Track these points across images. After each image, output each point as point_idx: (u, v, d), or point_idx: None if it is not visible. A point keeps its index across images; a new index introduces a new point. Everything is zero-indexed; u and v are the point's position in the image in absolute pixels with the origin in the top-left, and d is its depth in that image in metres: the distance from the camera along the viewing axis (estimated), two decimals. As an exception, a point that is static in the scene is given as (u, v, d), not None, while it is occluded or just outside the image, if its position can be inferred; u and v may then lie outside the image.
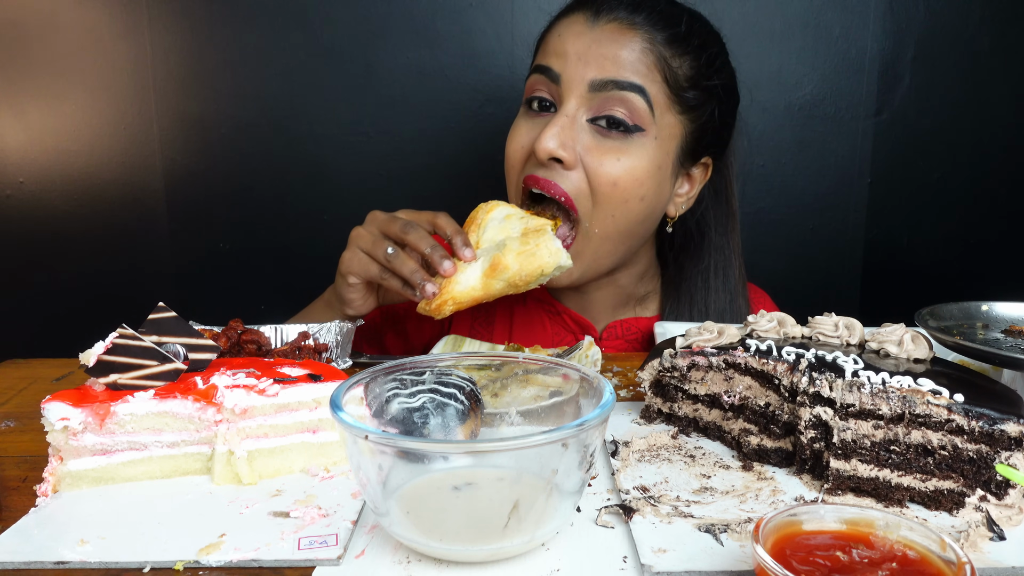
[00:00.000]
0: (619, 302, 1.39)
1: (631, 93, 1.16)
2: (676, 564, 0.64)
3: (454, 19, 1.81)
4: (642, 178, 1.19)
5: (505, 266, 1.07)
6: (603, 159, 1.17)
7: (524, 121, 1.25)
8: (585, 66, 1.17)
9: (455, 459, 0.70)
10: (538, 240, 1.08)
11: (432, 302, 1.09)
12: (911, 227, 1.99)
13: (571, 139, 1.17)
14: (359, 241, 1.15)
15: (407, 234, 1.11)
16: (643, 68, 1.17)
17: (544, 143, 1.15)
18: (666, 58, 1.18)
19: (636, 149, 1.18)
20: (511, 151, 1.25)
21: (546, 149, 1.15)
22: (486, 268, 1.09)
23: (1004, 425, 0.71)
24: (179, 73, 1.82)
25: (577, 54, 1.17)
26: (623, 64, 1.16)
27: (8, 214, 1.86)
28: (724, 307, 1.37)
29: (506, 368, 0.85)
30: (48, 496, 0.76)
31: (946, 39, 1.88)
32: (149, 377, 0.78)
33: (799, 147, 1.92)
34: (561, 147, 1.15)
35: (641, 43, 1.17)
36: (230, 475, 0.78)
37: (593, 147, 1.17)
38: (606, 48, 1.17)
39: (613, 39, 1.17)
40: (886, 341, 0.84)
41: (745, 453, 0.85)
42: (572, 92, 1.17)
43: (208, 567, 0.65)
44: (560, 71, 1.18)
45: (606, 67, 1.16)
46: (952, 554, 0.56)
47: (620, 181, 1.17)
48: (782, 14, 1.84)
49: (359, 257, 1.15)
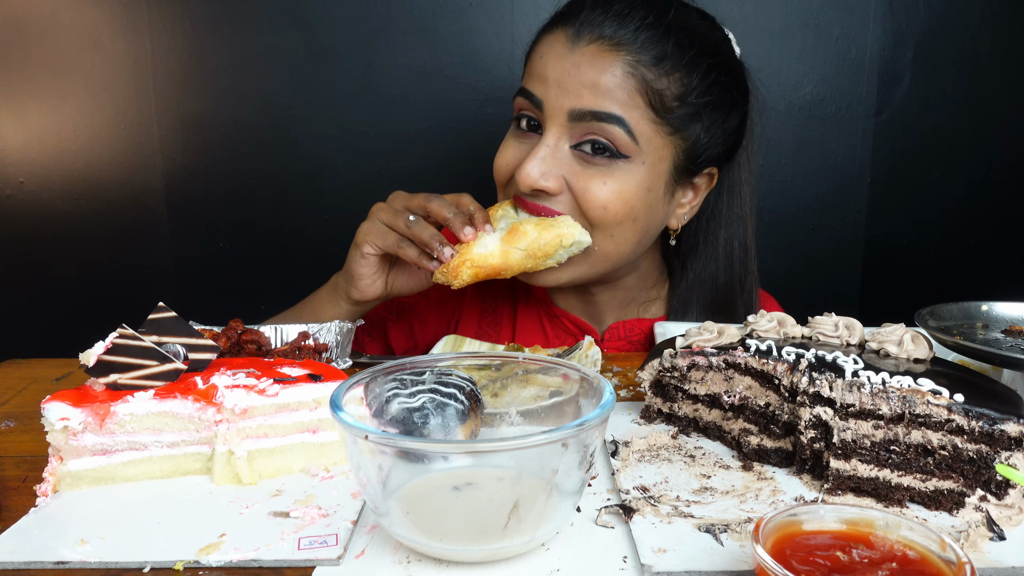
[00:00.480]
0: (622, 304, 1.38)
1: (610, 124, 1.12)
2: (676, 564, 0.64)
3: (454, 19, 1.81)
4: (631, 201, 1.15)
5: (524, 232, 1.10)
6: (589, 184, 1.14)
7: (512, 138, 1.23)
8: (564, 95, 1.13)
9: (455, 459, 0.70)
10: (556, 219, 1.13)
11: (448, 264, 1.10)
12: (911, 227, 1.99)
13: (554, 167, 1.14)
14: (379, 213, 1.17)
15: (430, 202, 1.14)
16: (624, 95, 1.12)
17: (526, 175, 1.13)
18: (649, 81, 1.12)
19: (622, 174, 1.14)
20: (498, 167, 1.23)
21: (527, 181, 1.13)
22: (504, 235, 1.12)
23: (1004, 425, 0.71)
24: (179, 73, 1.82)
25: (557, 80, 1.14)
26: (602, 92, 1.12)
27: (8, 214, 1.86)
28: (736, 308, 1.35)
29: (506, 368, 0.85)
30: (48, 496, 0.76)
31: (946, 39, 1.88)
32: (149, 377, 0.78)
33: (799, 147, 1.92)
34: (543, 177, 1.13)
35: (623, 67, 1.12)
36: (230, 475, 0.78)
37: (578, 172, 1.15)
38: (585, 74, 1.12)
39: (592, 64, 1.12)
40: (886, 341, 0.84)
41: (745, 453, 0.85)
42: (553, 121, 1.14)
43: (208, 567, 0.65)
44: (542, 97, 1.15)
45: (584, 97, 1.12)
46: (952, 554, 0.56)
47: (609, 205, 1.14)
48: (782, 14, 1.84)
49: (378, 227, 1.16)
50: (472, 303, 1.43)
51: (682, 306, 1.36)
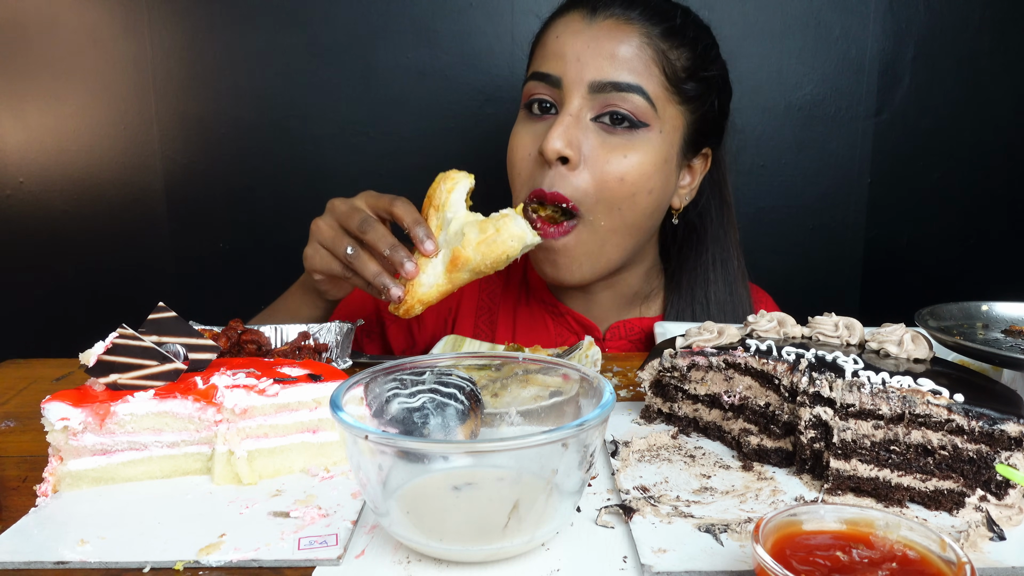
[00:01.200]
0: (624, 302, 1.39)
1: (631, 94, 1.16)
2: (676, 564, 0.64)
3: (454, 19, 1.80)
4: (650, 172, 1.19)
5: (466, 259, 1.02)
6: (610, 157, 1.17)
7: (525, 125, 1.24)
8: (584, 67, 1.17)
9: (455, 459, 0.70)
10: (498, 224, 1.02)
11: (400, 306, 1.05)
12: (911, 227, 1.99)
13: (577, 138, 1.16)
14: (319, 235, 1.11)
15: (365, 233, 1.06)
16: (640, 65, 1.17)
17: (551, 143, 1.14)
18: (664, 51, 1.18)
19: (642, 144, 1.18)
20: (516, 157, 1.23)
21: (554, 148, 1.15)
22: (447, 263, 1.04)
23: (1004, 425, 0.71)
24: (179, 73, 1.82)
25: (575, 55, 1.17)
26: (621, 63, 1.16)
27: (8, 214, 1.86)
28: (724, 298, 1.36)
29: (506, 368, 0.85)
30: (48, 496, 0.76)
31: (946, 39, 1.88)
32: (149, 377, 0.78)
33: (799, 147, 1.92)
34: (568, 146, 1.15)
35: (639, 38, 1.17)
36: (230, 475, 0.78)
37: (598, 145, 1.17)
38: (604, 46, 1.17)
39: (610, 36, 1.17)
40: (886, 341, 0.84)
41: (745, 453, 0.85)
42: (574, 93, 1.17)
43: (208, 567, 0.65)
44: (560, 74, 1.18)
45: (603, 68, 1.16)
46: (952, 554, 0.56)
47: (627, 176, 1.17)
48: (782, 14, 1.84)
49: (320, 253, 1.12)
50: (469, 301, 1.43)
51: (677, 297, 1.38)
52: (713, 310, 1.36)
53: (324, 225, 1.11)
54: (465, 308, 1.42)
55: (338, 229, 1.10)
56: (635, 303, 1.40)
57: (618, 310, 1.39)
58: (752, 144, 1.89)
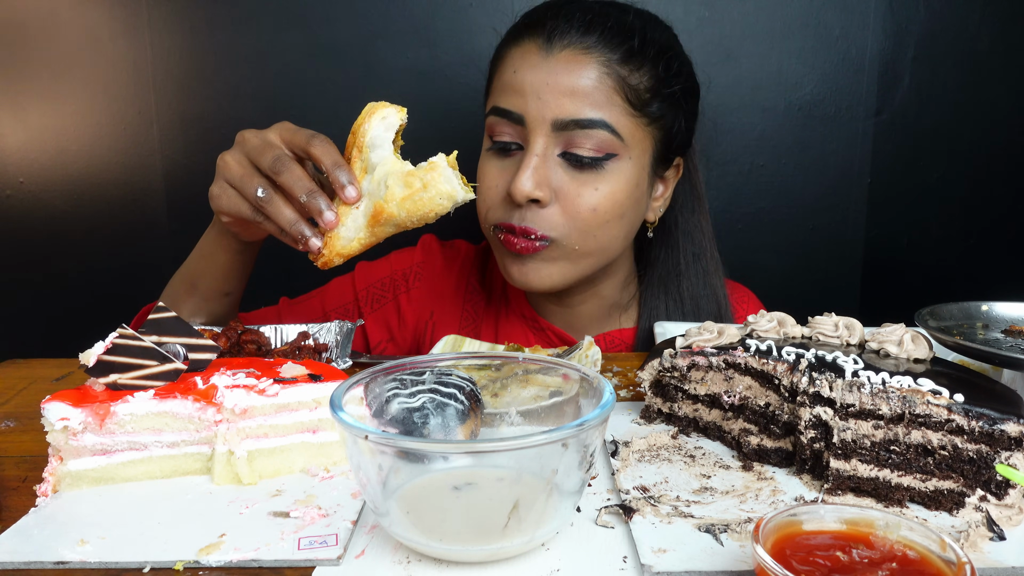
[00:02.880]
0: (603, 314, 1.38)
1: (594, 129, 1.14)
2: (676, 564, 0.64)
3: (454, 19, 1.80)
4: (621, 199, 1.18)
5: (388, 215, 0.92)
6: (580, 191, 1.15)
7: (491, 160, 1.22)
8: (544, 106, 1.14)
9: (455, 459, 0.70)
10: (425, 179, 0.92)
11: (319, 258, 0.95)
12: (911, 227, 1.99)
13: (546, 177, 1.15)
14: (226, 172, 0.98)
15: (279, 174, 0.94)
16: (602, 97, 1.14)
17: (522, 186, 1.13)
18: (624, 77, 1.15)
19: (611, 174, 1.16)
20: (482, 194, 1.21)
21: (523, 192, 1.13)
22: (369, 216, 0.94)
23: (1004, 425, 0.71)
24: (179, 73, 1.82)
25: (535, 91, 1.14)
26: (581, 98, 1.13)
27: (8, 214, 1.86)
28: (699, 292, 1.35)
29: (506, 368, 0.85)
30: (48, 496, 0.76)
31: (946, 39, 1.88)
32: (149, 377, 0.78)
33: (799, 147, 1.92)
34: (537, 187, 1.14)
35: (597, 68, 1.14)
36: (230, 475, 0.78)
37: (568, 181, 1.16)
38: (563, 81, 1.13)
39: (568, 69, 1.14)
40: (886, 341, 0.84)
41: (745, 453, 0.85)
42: (538, 131, 1.15)
43: (208, 567, 0.65)
44: (522, 112, 1.15)
45: (565, 105, 1.13)
46: (952, 554, 0.56)
47: (600, 207, 1.16)
48: (782, 14, 1.84)
49: (227, 192, 0.98)
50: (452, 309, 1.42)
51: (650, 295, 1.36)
52: (687, 305, 1.35)
53: (232, 161, 0.98)
54: (449, 318, 1.41)
55: (248, 166, 0.97)
56: (614, 314, 1.39)
57: (598, 322, 1.38)
58: (752, 144, 1.89)
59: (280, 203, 0.94)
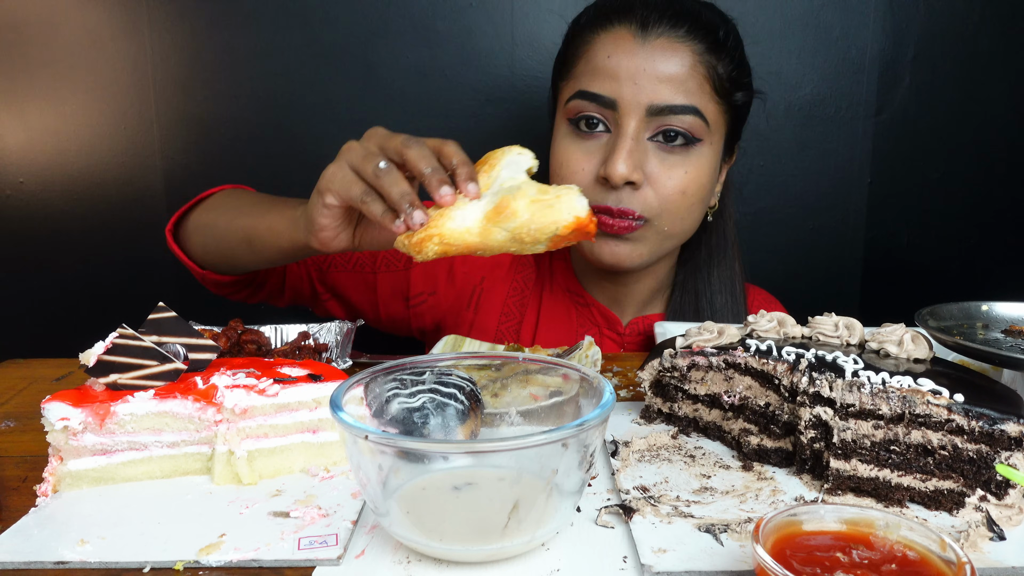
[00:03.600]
0: (649, 297, 1.41)
1: (686, 115, 1.18)
2: (676, 564, 0.64)
3: (454, 19, 1.80)
4: (705, 182, 1.23)
5: (513, 211, 0.85)
6: (670, 173, 1.20)
7: (573, 141, 1.23)
8: (640, 91, 1.17)
9: (455, 459, 0.70)
10: (559, 192, 0.86)
11: (415, 234, 0.88)
12: (911, 227, 1.99)
13: (639, 160, 1.18)
14: (349, 154, 0.97)
15: (408, 148, 0.93)
16: (694, 84, 1.19)
17: (618, 169, 1.16)
18: (713, 65, 1.20)
19: (697, 158, 1.21)
20: (567, 172, 1.22)
21: (621, 175, 1.16)
22: (489, 210, 0.87)
23: (1004, 425, 0.71)
24: (179, 73, 1.82)
25: (631, 76, 1.17)
26: (676, 85, 1.18)
27: (8, 214, 1.86)
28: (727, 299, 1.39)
29: (506, 368, 0.85)
30: (48, 496, 0.76)
31: (946, 39, 1.88)
32: (149, 377, 0.78)
33: (799, 147, 1.92)
34: (633, 171, 1.17)
35: (691, 57, 1.19)
36: (230, 475, 0.78)
37: (658, 163, 1.20)
38: (660, 67, 1.17)
39: (664, 56, 1.18)
40: (886, 341, 0.84)
41: (745, 453, 0.85)
42: (631, 115, 1.18)
43: (208, 567, 0.65)
44: (615, 96, 1.18)
45: (660, 91, 1.17)
46: (952, 554, 0.56)
47: (688, 189, 1.21)
48: (782, 14, 1.84)
49: (344, 172, 0.96)
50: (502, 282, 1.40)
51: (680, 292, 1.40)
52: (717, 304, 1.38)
53: (358, 144, 0.99)
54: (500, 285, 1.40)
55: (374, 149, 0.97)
56: (657, 297, 1.42)
57: (641, 305, 1.41)
58: (752, 144, 1.89)
59: (398, 175, 0.92)
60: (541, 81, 1.77)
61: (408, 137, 0.95)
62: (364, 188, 0.94)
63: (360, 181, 0.95)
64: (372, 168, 0.93)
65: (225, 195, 1.31)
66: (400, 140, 0.94)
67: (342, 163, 0.97)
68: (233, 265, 1.23)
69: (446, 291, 1.39)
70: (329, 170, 0.98)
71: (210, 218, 1.26)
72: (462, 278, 1.40)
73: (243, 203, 1.25)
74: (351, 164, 0.96)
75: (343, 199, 0.97)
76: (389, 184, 0.91)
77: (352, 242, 1.04)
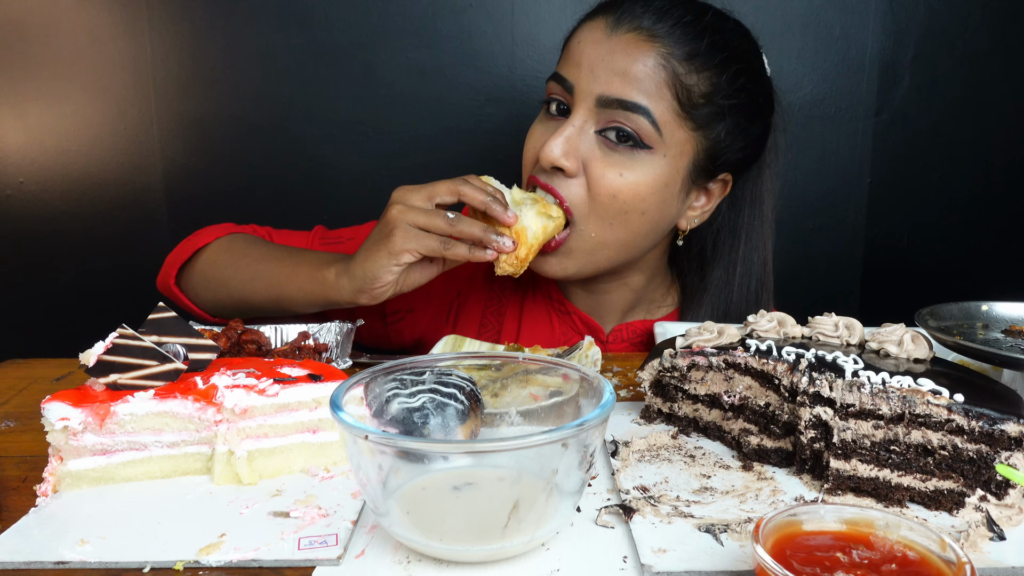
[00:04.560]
0: (629, 305, 1.38)
1: (636, 115, 1.14)
2: (676, 564, 0.64)
3: (454, 19, 1.81)
4: (644, 194, 1.17)
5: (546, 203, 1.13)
6: (606, 171, 1.16)
7: (540, 123, 1.24)
8: (595, 80, 1.15)
9: (455, 459, 0.70)
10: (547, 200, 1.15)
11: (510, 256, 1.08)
12: (911, 227, 1.99)
13: (575, 148, 1.16)
14: (406, 217, 1.07)
15: (461, 187, 1.09)
16: (652, 86, 1.14)
17: (548, 151, 1.14)
18: (680, 75, 1.15)
19: (641, 165, 1.16)
20: (526, 150, 1.24)
21: (549, 157, 1.15)
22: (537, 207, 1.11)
23: (1004, 425, 0.71)
24: (179, 73, 1.82)
25: (589, 65, 1.16)
26: (632, 81, 1.14)
27: (8, 214, 1.86)
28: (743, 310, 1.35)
29: (506, 368, 0.85)
30: (48, 496, 0.76)
31: (946, 39, 1.88)
32: (149, 377, 0.78)
33: (799, 147, 1.92)
34: (564, 156, 1.15)
35: (655, 58, 1.14)
36: (230, 475, 0.78)
37: (598, 158, 1.16)
38: (618, 61, 1.15)
39: (627, 52, 1.15)
40: (886, 341, 0.84)
41: (745, 453, 0.85)
42: (581, 104, 1.17)
43: (208, 567, 0.65)
44: (573, 81, 1.18)
45: (614, 84, 1.14)
46: (952, 554, 0.56)
47: (620, 194, 1.16)
48: (782, 14, 1.84)
49: (414, 233, 1.07)
50: (479, 293, 1.41)
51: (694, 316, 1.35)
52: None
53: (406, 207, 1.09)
54: (475, 297, 1.41)
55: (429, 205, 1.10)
56: (640, 306, 1.40)
57: (622, 312, 1.38)
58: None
59: (469, 220, 1.07)
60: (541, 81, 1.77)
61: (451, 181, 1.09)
62: (440, 239, 1.07)
63: (432, 235, 1.07)
64: (443, 222, 1.06)
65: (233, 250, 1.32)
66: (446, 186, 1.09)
67: (405, 227, 1.08)
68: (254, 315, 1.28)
69: (423, 308, 1.40)
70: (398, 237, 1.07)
71: (223, 275, 1.29)
72: (439, 294, 1.40)
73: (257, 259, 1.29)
74: (417, 224, 1.07)
75: (423, 253, 1.09)
76: (468, 228, 1.06)
77: (396, 289, 1.14)
